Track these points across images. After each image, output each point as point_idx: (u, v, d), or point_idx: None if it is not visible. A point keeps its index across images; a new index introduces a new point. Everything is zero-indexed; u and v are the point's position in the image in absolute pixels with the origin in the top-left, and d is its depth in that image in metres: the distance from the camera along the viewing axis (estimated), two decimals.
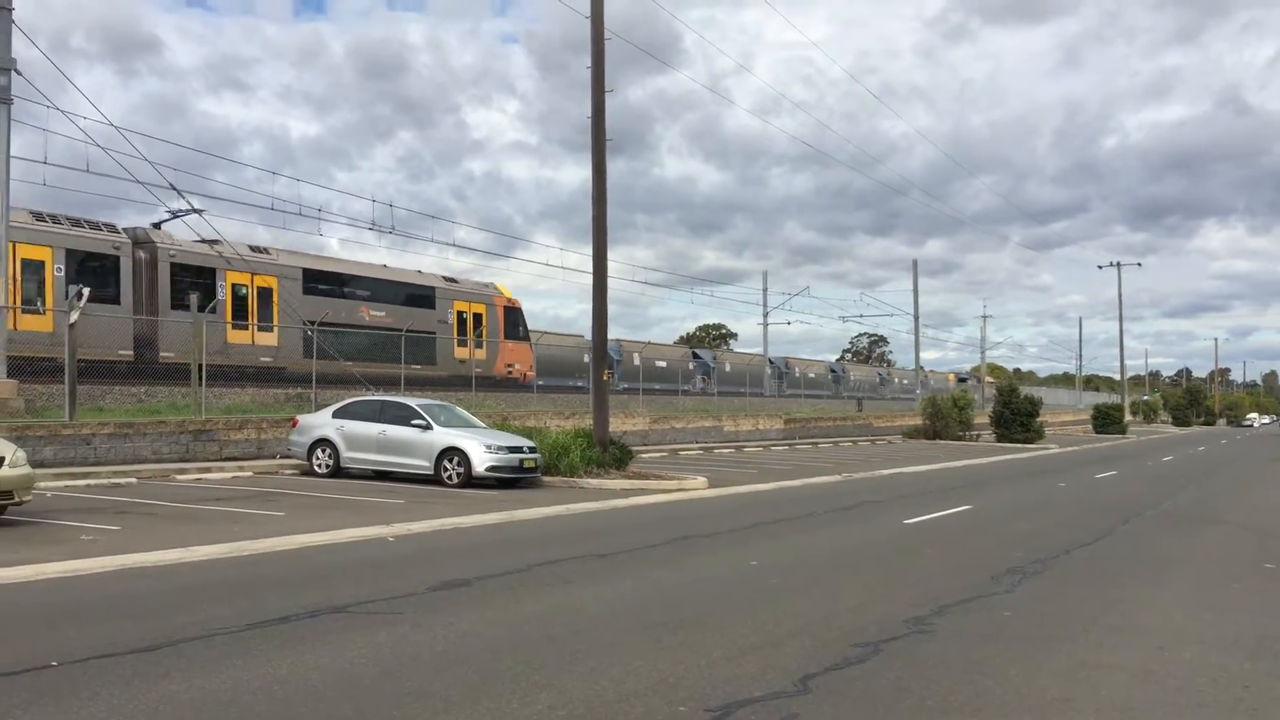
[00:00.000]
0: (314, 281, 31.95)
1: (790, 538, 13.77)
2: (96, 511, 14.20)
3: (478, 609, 8.33)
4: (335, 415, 21.21)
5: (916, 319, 66.66)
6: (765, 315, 67.75)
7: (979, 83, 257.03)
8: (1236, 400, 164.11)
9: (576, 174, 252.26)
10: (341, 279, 33.35)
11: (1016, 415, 52.00)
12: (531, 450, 20.48)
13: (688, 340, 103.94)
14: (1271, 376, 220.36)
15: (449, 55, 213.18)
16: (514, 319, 40.66)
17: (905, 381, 78.94)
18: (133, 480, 18.53)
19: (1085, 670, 6.82)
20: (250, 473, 20.91)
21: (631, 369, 45.48)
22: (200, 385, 23.12)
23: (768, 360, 65.44)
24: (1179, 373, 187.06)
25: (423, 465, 19.99)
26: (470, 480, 19.45)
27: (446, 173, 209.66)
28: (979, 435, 53.33)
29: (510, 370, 39.51)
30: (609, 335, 24.27)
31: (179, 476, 19.55)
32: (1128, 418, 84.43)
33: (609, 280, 23.51)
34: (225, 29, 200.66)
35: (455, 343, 36.57)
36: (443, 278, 37.99)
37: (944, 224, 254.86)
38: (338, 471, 20.65)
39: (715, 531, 14.08)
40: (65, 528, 12.58)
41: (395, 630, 7.47)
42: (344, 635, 7.27)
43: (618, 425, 29.60)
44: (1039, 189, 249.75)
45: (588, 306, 30.57)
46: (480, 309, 38.56)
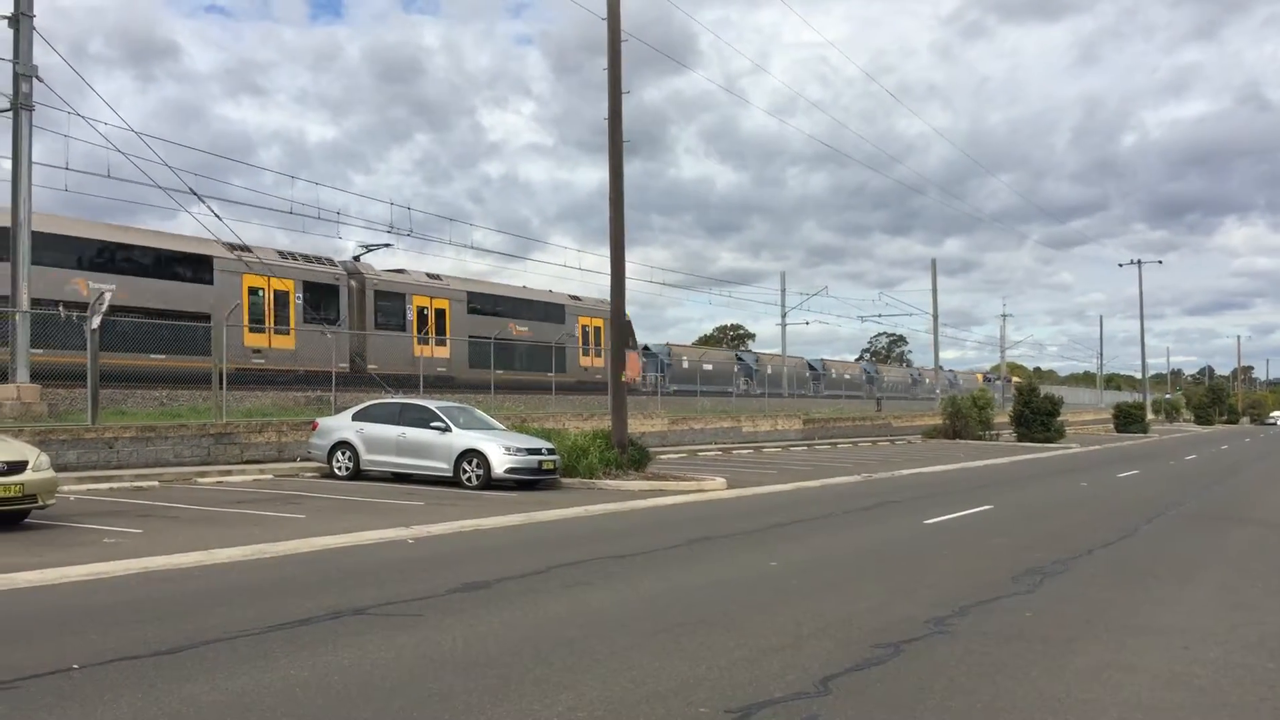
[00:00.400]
0: (475, 303, 37.32)
1: (810, 539, 13.73)
2: (119, 515, 14.29)
3: (498, 611, 8.34)
4: (355, 418, 21.29)
5: (935, 318, 66.44)
6: (784, 316, 67.54)
7: (996, 80, 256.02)
8: (1260, 398, 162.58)
9: (593, 175, 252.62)
10: (495, 300, 38.40)
11: (1037, 414, 51.71)
12: (550, 452, 20.50)
13: (705, 341, 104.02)
14: None
15: (464, 57, 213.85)
16: (627, 331, 43.26)
17: (928, 381, 78.65)
18: (154, 483, 18.64)
19: (1108, 671, 6.78)
20: (271, 475, 21.02)
21: (681, 372, 49.37)
22: (221, 389, 23.24)
23: (806, 363, 68.07)
24: (1201, 371, 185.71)
25: (442, 467, 20.04)
26: (489, 482, 19.49)
27: (463, 175, 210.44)
28: (999, 435, 53.08)
29: (623, 374, 41.89)
30: (662, 340, 24.94)
31: (200, 480, 19.67)
32: (1149, 416, 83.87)
33: (626, 281, 23.53)
34: (243, 34, 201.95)
35: (580, 352, 41.64)
36: (569, 296, 43.03)
37: (962, 223, 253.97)
38: (357, 474, 20.72)
39: (734, 532, 14.06)
40: (88, 531, 12.67)
41: (416, 632, 7.49)
42: (364, 637, 7.29)
43: (636, 426, 29.61)
44: (1057, 187, 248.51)
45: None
46: (600, 323, 42.61)
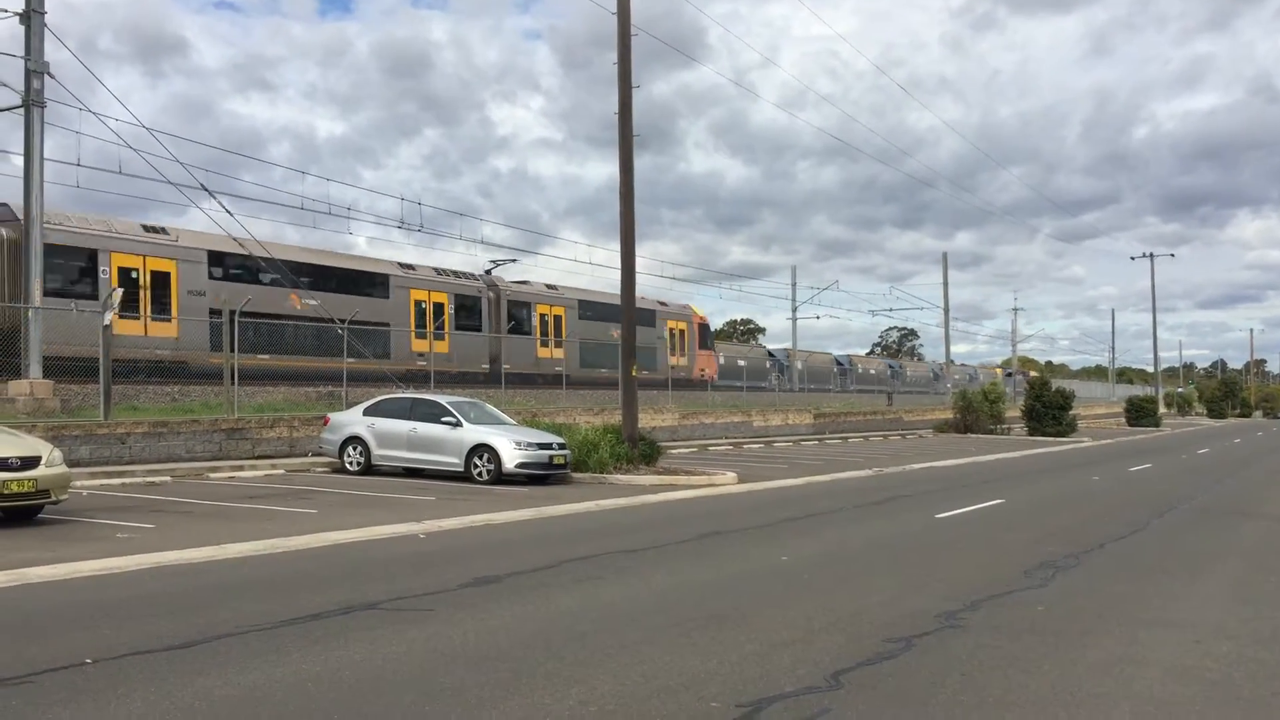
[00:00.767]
0: (585, 310, 42.24)
1: (821, 533, 13.72)
2: (131, 510, 14.35)
3: (509, 605, 8.35)
4: (366, 413, 21.34)
5: (946, 312, 66.32)
6: (794, 310, 67.51)
7: (1007, 73, 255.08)
8: (1273, 392, 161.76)
9: (602, 170, 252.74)
10: (601, 307, 42.21)
11: (1049, 408, 51.57)
12: (561, 447, 20.52)
13: (716, 336, 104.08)
14: None
15: (473, 52, 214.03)
16: (705, 333, 51.13)
17: (957, 376, 78.50)
18: (167, 479, 18.72)
19: (1120, 665, 6.75)
20: (282, 471, 21.08)
21: (721, 368, 52.12)
22: (233, 384, 23.31)
23: (834, 359, 70.72)
24: (1214, 364, 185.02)
25: (453, 462, 20.08)
26: (500, 477, 19.52)
27: (472, 170, 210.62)
28: (1010, 429, 52.94)
29: (702, 373, 48.99)
30: None
31: (212, 475, 19.74)
32: (1162, 410, 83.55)
33: (636, 275, 23.53)
34: (251, 29, 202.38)
35: (671, 353, 46.21)
36: (658, 302, 47.38)
37: (973, 216, 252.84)
38: (369, 469, 20.78)
39: (745, 527, 14.05)
40: (101, 526, 12.73)
41: (427, 627, 7.51)
42: (376, 632, 7.31)
43: (647, 421, 29.62)
44: (1069, 180, 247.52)
45: None
46: (683, 326, 48.17)
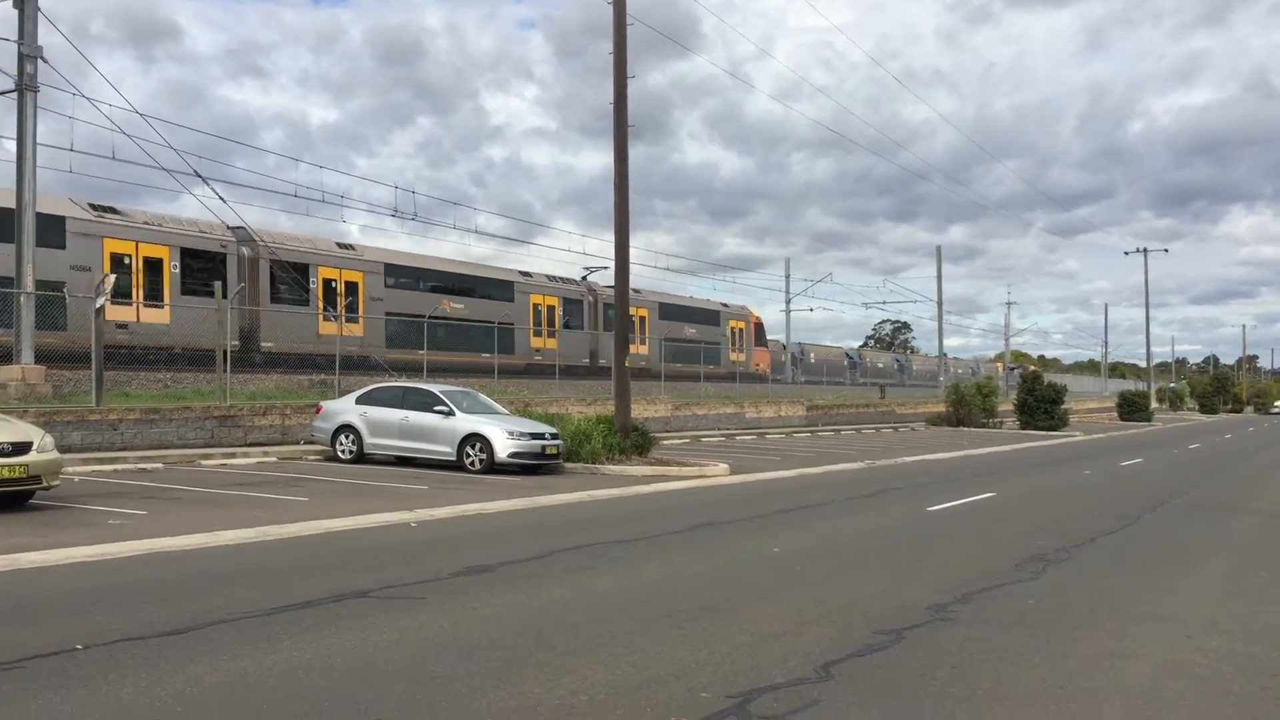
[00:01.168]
0: (664, 312, 47.69)
1: (813, 525, 13.74)
2: (123, 496, 14.33)
3: (500, 594, 8.36)
4: (359, 401, 21.31)
5: (940, 306, 66.41)
6: (788, 302, 67.55)
7: (1002, 66, 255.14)
8: (1264, 387, 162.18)
9: (596, 160, 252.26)
10: (677, 309, 48.45)
11: (1041, 402, 51.67)
12: (553, 437, 20.52)
13: None
14: None
15: (467, 40, 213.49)
16: (760, 331, 56.99)
17: (960, 370, 78.61)
18: (159, 465, 18.69)
19: (1110, 659, 6.78)
20: (275, 458, 21.06)
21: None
22: (225, 371, 23.26)
23: (845, 353, 73.70)
24: (1206, 360, 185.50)
25: (445, 451, 20.07)
26: (492, 466, 19.51)
27: (466, 159, 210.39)
28: (1002, 423, 53.04)
29: (758, 367, 54.94)
30: None
31: (204, 462, 19.71)
32: (1154, 405, 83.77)
33: (630, 266, 23.50)
34: (244, 14, 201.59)
35: (730, 349, 51.62)
36: (721, 304, 53.41)
37: (967, 209, 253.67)
38: (361, 457, 20.76)
39: (737, 518, 14.07)
40: (92, 512, 12.70)
41: (418, 615, 7.51)
42: (367, 620, 7.31)
43: (639, 412, 29.62)
44: (1063, 174, 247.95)
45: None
46: (742, 325, 53.99)
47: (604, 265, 46.08)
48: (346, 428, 20.99)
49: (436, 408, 20.41)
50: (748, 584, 9.21)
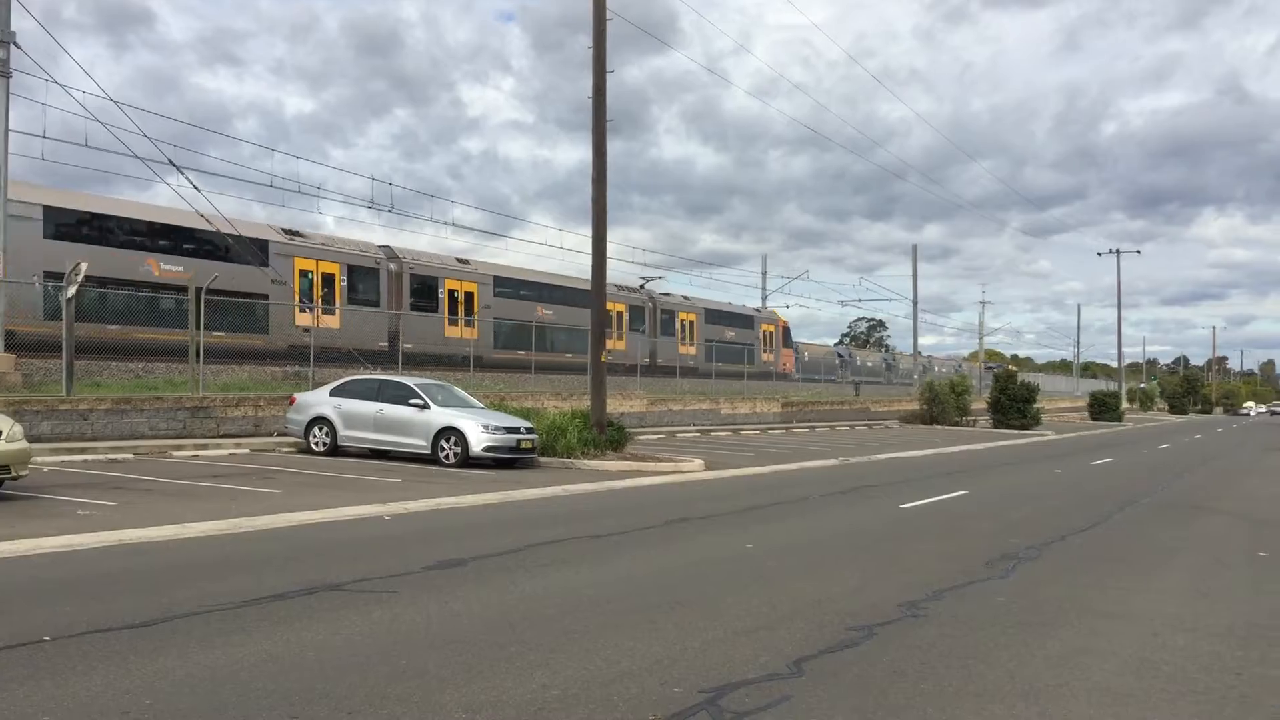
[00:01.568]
0: (710, 317, 52.86)
1: (786, 521, 13.79)
2: (93, 487, 14.21)
3: (473, 588, 8.35)
4: (333, 394, 21.20)
5: (915, 305, 66.66)
6: (764, 299, 67.71)
7: (979, 66, 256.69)
8: (1233, 389, 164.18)
9: (573, 154, 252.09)
10: (717, 314, 53.84)
11: (1014, 401, 52.05)
12: (529, 431, 20.49)
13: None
14: (1269, 365, 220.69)
15: (444, 31, 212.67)
16: (786, 333, 62.30)
17: (943, 369, 78.97)
18: (129, 456, 18.54)
19: (1078, 656, 6.84)
20: (247, 450, 20.92)
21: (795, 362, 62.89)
22: (198, 362, 23.09)
23: (835, 352, 76.05)
24: (1176, 360, 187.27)
25: (420, 445, 19.99)
26: (467, 460, 19.47)
27: (443, 151, 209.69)
28: (976, 421, 53.37)
29: (784, 366, 60.06)
30: None
31: (176, 453, 19.57)
32: (1124, 405, 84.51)
33: (607, 260, 23.51)
34: (219, 1, 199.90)
35: (762, 350, 56.81)
36: (754, 309, 59.11)
37: (942, 209, 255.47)
38: (335, 450, 20.66)
39: (711, 514, 14.10)
40: (62, 503, 12.59)
41: (391, 609, 7.49)
42: (340, 613, 7.28)
43: (615, 407, 29.62)
44: (1038, 175, 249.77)
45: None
46: (772, 328, 59.38)
47: (657, 275, 53.81)
48: (320, 420, 20.88)
49: (411, 401, 20.33)
50: (721, 580, 9.24)
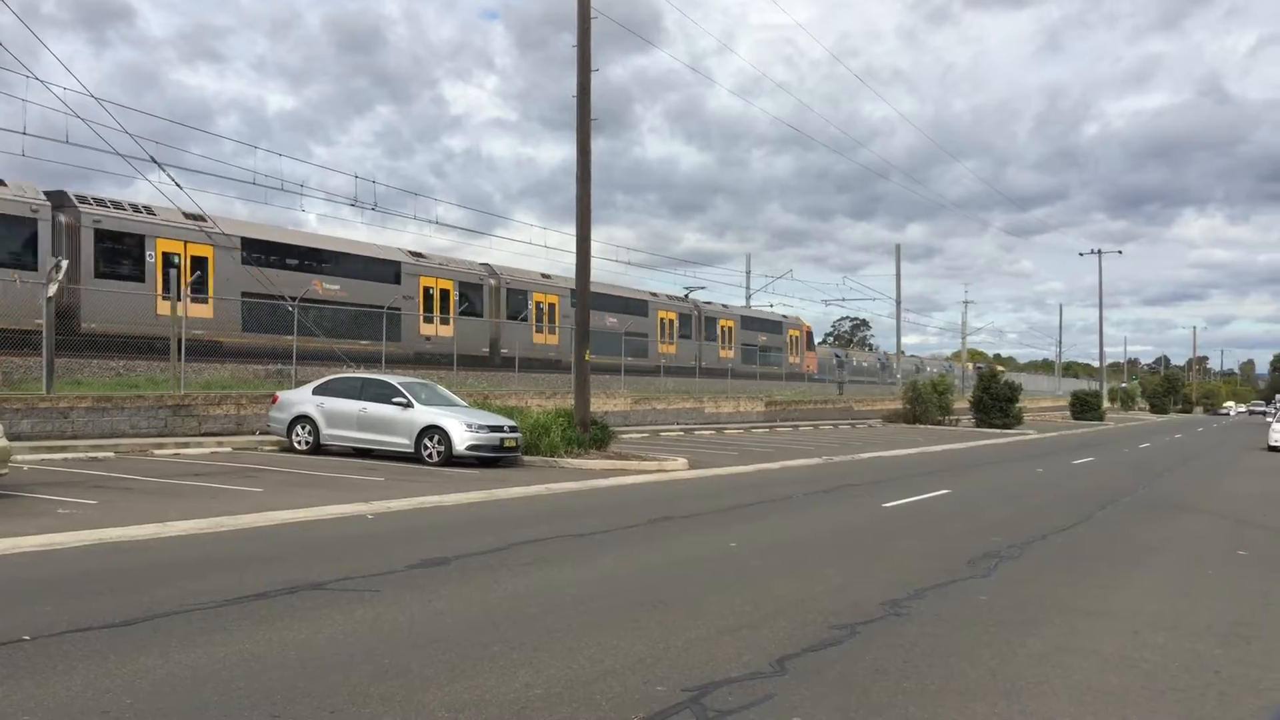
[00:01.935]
0: (745, 324, 57.60)
1: (769, 520, 13.81)
2: (73, 485, 14.12)
3: (456, 587, 8.33)
4: (315, 392, 21.12)
5: (899, 304, 66.90)
6: (748, 298, 67.83)
7: (961, 67, 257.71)
8: (1213, 389, 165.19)
9: (556, 152, 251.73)
10: (750, 321, 58.65)
11: (996, 401, 52.27)
12: (512, 430, 20.46)
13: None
14: (1249, 365, 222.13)
15: (426, 28, 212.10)
16: (810, 337, 67.13)
17: (933, 369, 79.20)
18: (110, 454, 18.43)
19: (1059, 654, 6.87)
20: (229, 449, 20.83)
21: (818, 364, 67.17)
22: (179, 360, 22.97)
23: (833, 353, 78.58)
24: (1157, 360, 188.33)
25: (403, 443, 19.94)
26: (451, 459, 19.42)
27: (425, 149, 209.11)
28: (958, 420, 53.58)
29: (808, 368, 64.71)
30: None
31: (157, 451, 19.46)
32: (1106, 405, 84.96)
33: (591, 259, 23.49)
34: None
35: (789, 353, 61.83)
36: (781, 315, 63.71)
37: (925, 209, 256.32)
38: (318, 449, 20.58)
39: (694, 513, 14.11)
40: (42, 501, 12.51)
41: (373, 607, 7.47)
42: (322, 612, 7.26)
43: (599, 406, 29.62)
44: (1020, 175, 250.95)
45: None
46: (798, 333, 64.03)
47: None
48: (303, 418, 20.80)
49: (395, 399, 20.27)
50: (704, 578, 9.24)
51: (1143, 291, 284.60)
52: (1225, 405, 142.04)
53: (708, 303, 55.33)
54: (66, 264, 20.76)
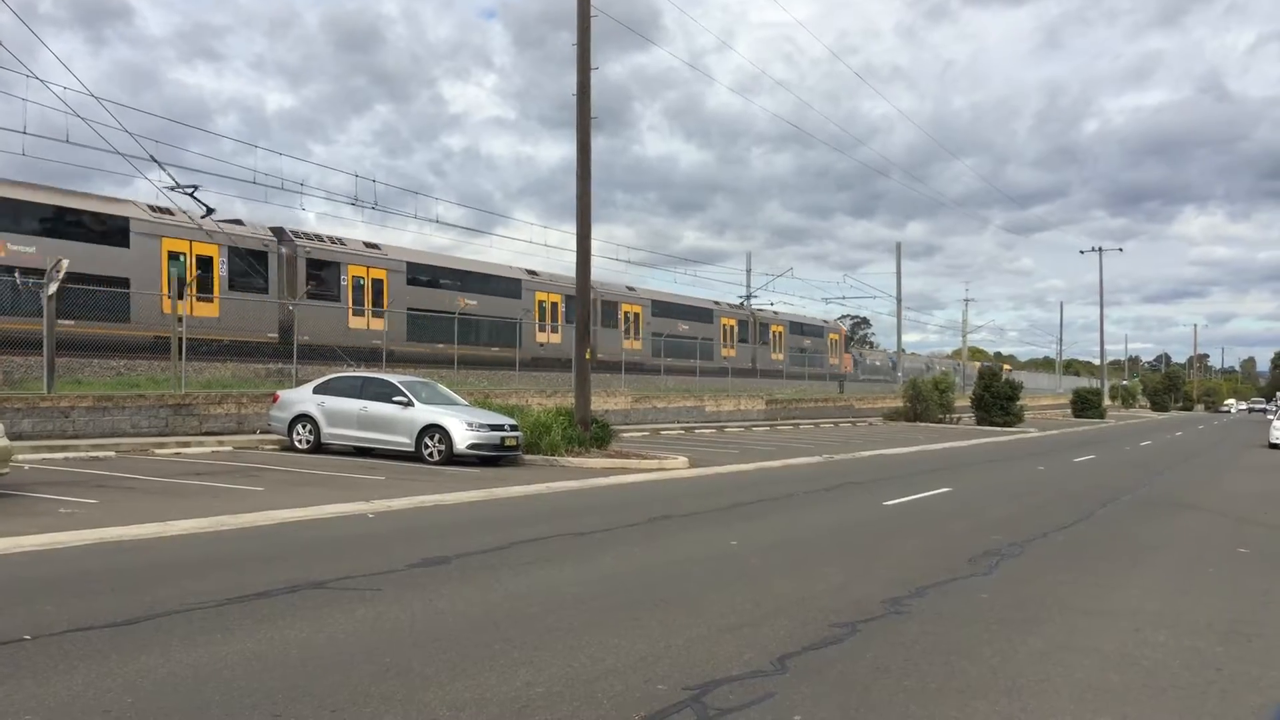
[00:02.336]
0: (792, 329, 62.63)
1: (770, 518, 13.81)
2: (75, 485, 14.12)
3: (457, 586, 8.33)
4: (316, 391, 21.13)
5: (899, 302, 66.87)
6: (749, 296, 67.75)
7: (960, 64, 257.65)
8: (1214, 386, 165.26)
9: (556, 151, 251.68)
10: (800, 326, 63.96)
11: (997, 399, 52.23)
12: (513, 428, 20.46)
13: None
14: (1249, 363, 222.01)
15: (425, 27, 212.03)
16: (846, 341, 72.88)
17: (942, 368, 79.11)
18: (111, 454, 18.44)
19: (1060, 652, 6.88)
20: (230, 448, 20.84)
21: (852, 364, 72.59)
22: (180, 359, 22.98)
23: (854, 354, 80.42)
24: (1158, 358, 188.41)
25: (404, 442, 19.94)
26: (451, 458, 19.43)
27: (424, 148, 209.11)
28: (959, 418, 53.56)
29: (845, 368, 68.72)
30: None
31: (158, 451, 19.47)
32: (1106, 402, 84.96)
33: (591, 258, 23.50)
34: None
35: (830, 355, 66.59)
36: (822, 321, 68.68)
37: (925, 206, 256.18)
38: (318, 447, 20.59)
39: (695, 511, 14.12)
40: (43, 501, 12.52)
41: (374, 606, 7.47)
42: (323, 611, 7.26)
43: (599, 404, 29.62)
44: (1019, 172, 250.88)
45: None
46: (837, 336, 69.59)
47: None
48: (303, 417, 20.81)
49: (395, 398, 20.27)
50: (705, 577, 9.25)
51: (1143, 289, 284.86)
52: (1226, 403, 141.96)
53: (760, 309, 60.86)
54: (67, 264, 20.75)
